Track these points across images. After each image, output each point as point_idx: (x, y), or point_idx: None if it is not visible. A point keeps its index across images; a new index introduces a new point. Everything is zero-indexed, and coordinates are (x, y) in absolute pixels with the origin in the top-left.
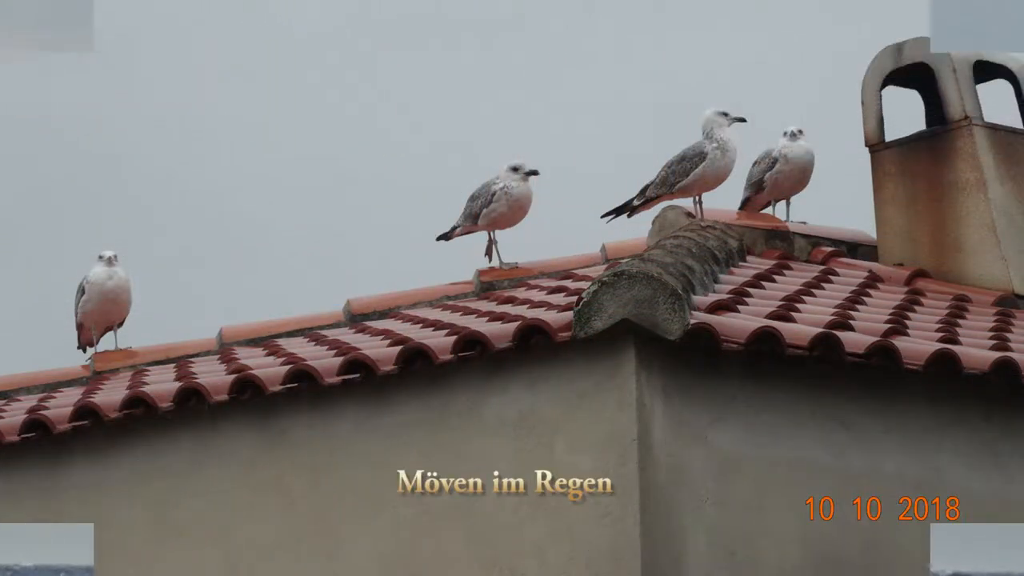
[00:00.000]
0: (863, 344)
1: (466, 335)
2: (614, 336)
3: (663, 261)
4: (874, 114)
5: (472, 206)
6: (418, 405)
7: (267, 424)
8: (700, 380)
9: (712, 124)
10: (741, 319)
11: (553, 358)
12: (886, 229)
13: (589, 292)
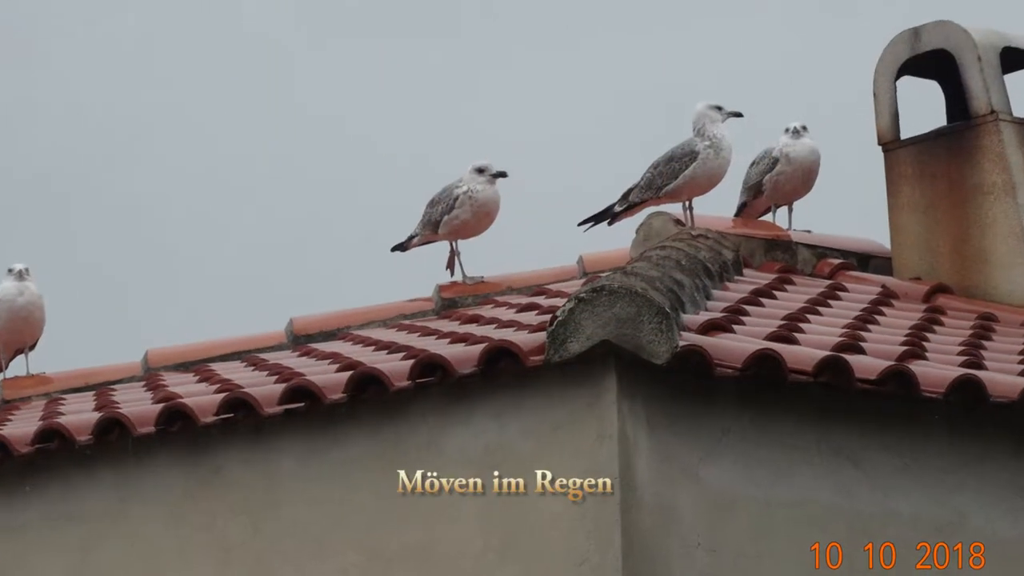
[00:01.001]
0: (875, 369)
1: (425, 359)
2: (593, 360)
3: (648, 275)
4: (888, 108)
5: (432, 212)
6: (370, 438)
7: (199, 460)
8: (690, 410)
9: (704, 119)
10: (737, 341)
11: (523, 385)
12: (901, 238)
13: (564, 310)
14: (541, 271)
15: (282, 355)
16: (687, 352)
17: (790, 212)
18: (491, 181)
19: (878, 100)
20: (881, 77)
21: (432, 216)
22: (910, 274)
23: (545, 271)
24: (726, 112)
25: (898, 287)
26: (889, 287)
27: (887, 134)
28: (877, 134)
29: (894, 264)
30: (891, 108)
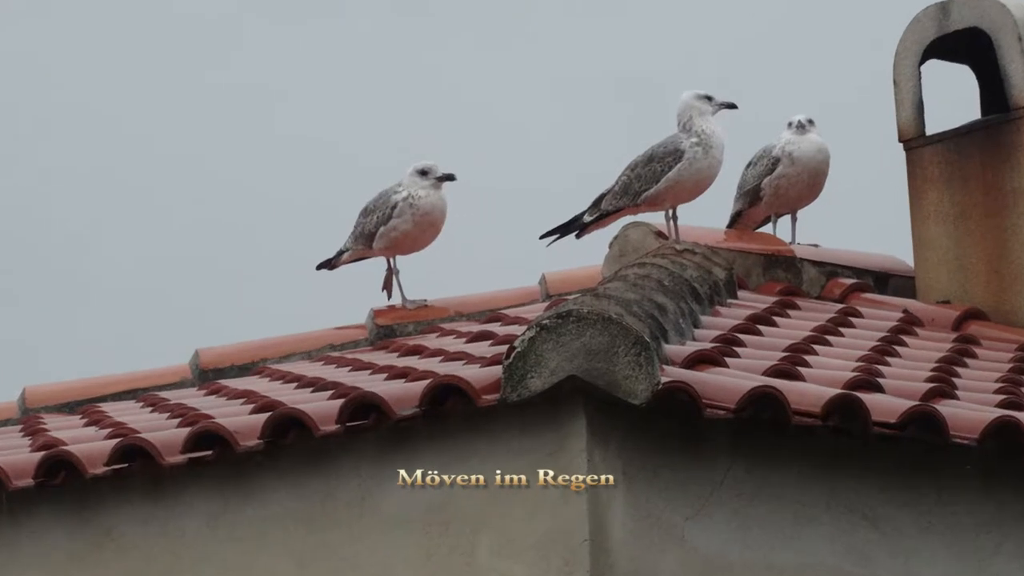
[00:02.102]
0: (896, 411)
1: (357, 398)
2: (558, 400)
3: (624, 298)
4: (910, 98)
5: (365, 223)
6: (292, 493)
7: (87, 519)
8: (675, 459)
9: (691, 111)
10: (730, 377)
11: (474, 430)
12: (927, 254)
13: (524, 340)
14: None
15: (186, 393)
16: (671, 390)
17: (794, 222)
18: (436, 185)
19: (899, 88)
20: (903, 61)
21: (366, 227)
22: (937, 297)
23: (500, 293)
24: (717, 103)
25: (923, 312)
26: (912, 312)
27: (910, 129)
28: (898, 129)
29: (918, 285)
30: (915, 98)
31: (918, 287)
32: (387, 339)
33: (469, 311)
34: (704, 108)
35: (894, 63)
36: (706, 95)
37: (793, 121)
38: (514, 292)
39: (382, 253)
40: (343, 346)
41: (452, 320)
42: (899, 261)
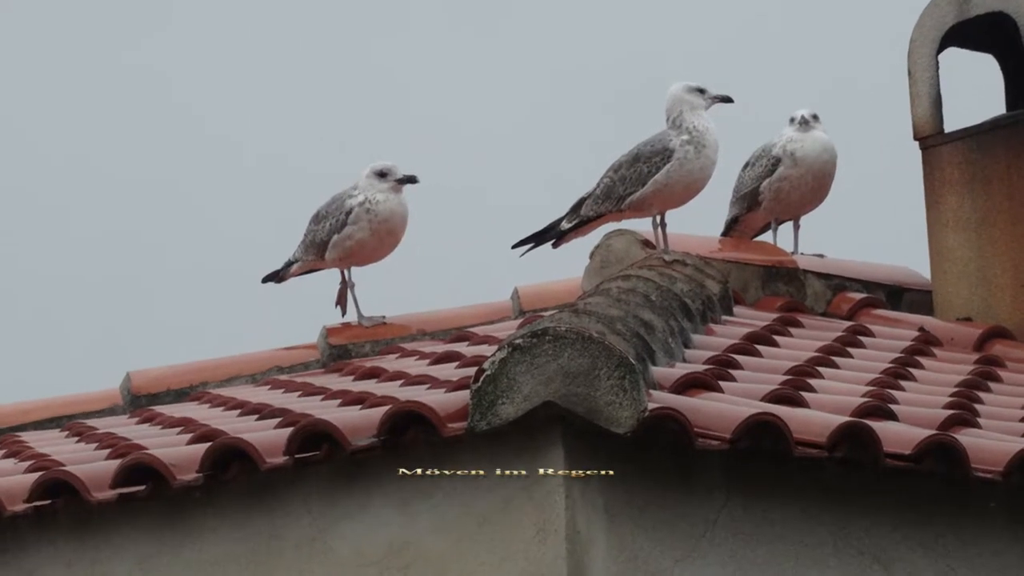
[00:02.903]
0: (911, 441)
1: (307, 427)
2: (532, 429)
3: (607, 314)
4: (927, 90)
5: (317, 231)
6: (234, 533)
7: (6, 562)
8: (664, 495)
9: (682, 106)
10: (725, 403)
11: (439, 462)
12: (945, 265)
13: (494, 362)
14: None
15: (117, 421)
16: (659, 418)
17: (796, 230)
18: (396, 188)
19: (914, 80)
20: (918, 49)
21: (318, 236)
22: (957, 313)
23: (468, 309)
24: (710, 96)
25: (941, 330)
26: (929, 331)
27: (926, 125)
28: (913, 125)
29: (935, 300)
30: (932, 91)
31: (936, 303)
32: (341, 361)
33: (433, 329)
34: (696, 102)
35: (909, 52)
36: (698, 87)
37: (796, 116)
38: (483, 308)
39: (336, 264)
40: (292, 368)
41: (414, 339)
42: (914, 273)
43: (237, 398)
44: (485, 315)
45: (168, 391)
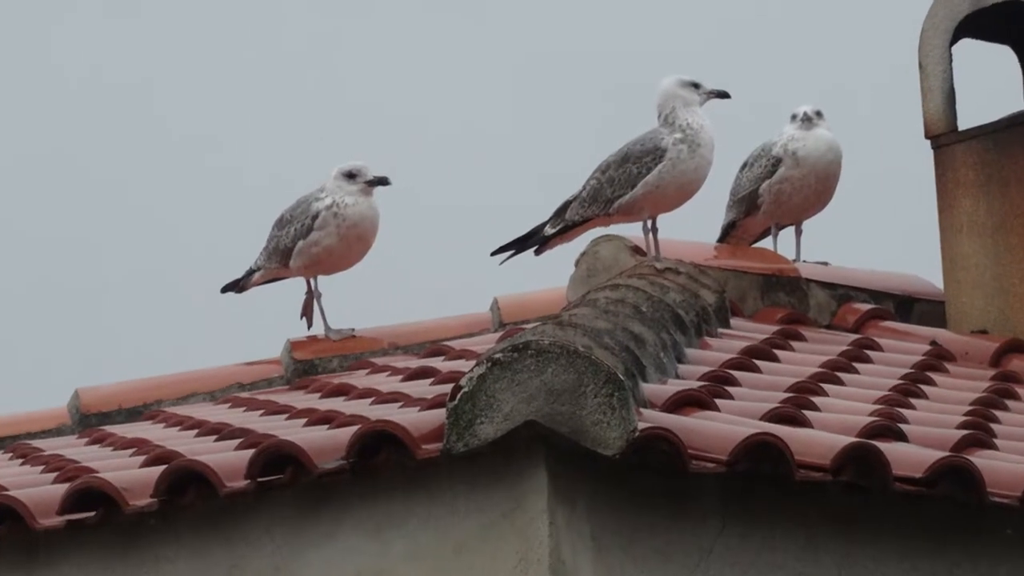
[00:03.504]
0: (922, 463)
1: (271, 449)
2: (514, 450)
3: (593, 327)
4: (940, 85)
5: (281, 237)
6: (192, 563)
7: None
8: (655, 522)
9: (674, 101)
10: (722, 422)
11: (413, 487)
12: (959, 274)
13: (472, 378)
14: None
15: (64, 442)
16: (650, 438)
17: (798, 235)
18: (366, 191)
19: (926, 74)
20: (930, 41)
21: (281, 242)
22: (972, 325)
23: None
24: (706, 91)
25: (955, 344)
26: (942, 344)
27: (939, 122)
28: (924, 123)
29: (948, 311)
30: (945, 85)
31: (949, 314)
32: (307, 377)
33: (406, 343)
34: (690, 97)
35: (920, 43)
36: (692, 81)
37: (798, 113)
38: (460, 320)
39: (301, 273)
40: (254, 385)
41: (385, 354)
42: (926, 283)
43: (194, 417)
44: (462, 327)
45: (120, 409)
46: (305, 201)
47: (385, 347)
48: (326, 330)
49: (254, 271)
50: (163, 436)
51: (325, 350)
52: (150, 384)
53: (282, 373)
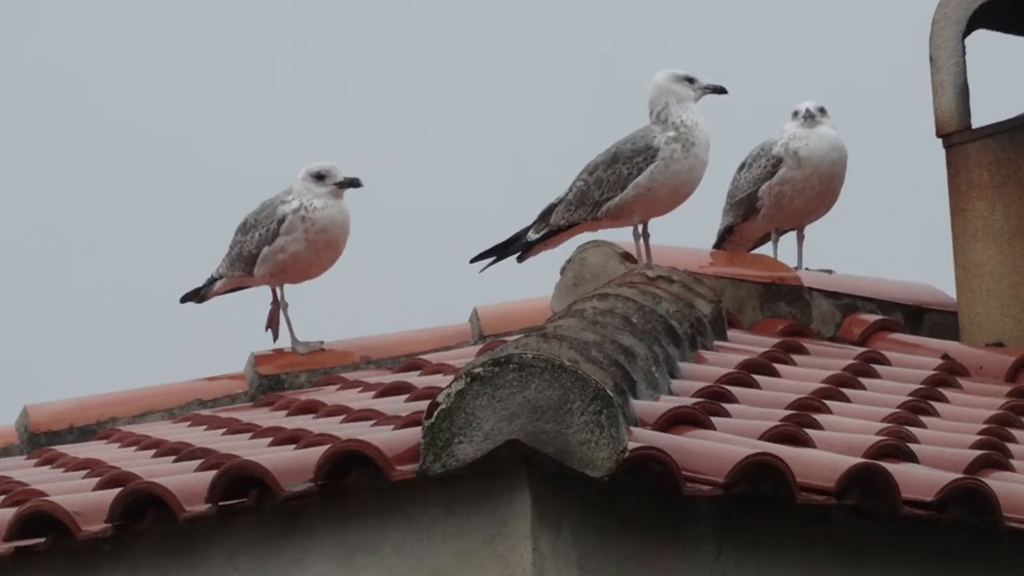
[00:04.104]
0: (933, 486)
1: (233, 470)
2: (495, 472)
3: (580, 339)
4: (952, 80)
5: (244, 242)
6: None
7: None
8: (646, 549)
9: (668, 97)
10: (718, 442)
11: (387, 511)
12: (974, 283)
13: (450, 394)
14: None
15: (12, 463)
16: (641, 459)
17: (800, 241)
18: (336, 193)
19: (937, 67)
20: (942, 31)
21: (245, 248)
22: (987, 338)
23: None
24: (701, 86)
25: (968, 358)
26: (954, 358)
27: (951, 120)
28: (936, 120)
29: (961, 322)
30: (957, 79)
31: (962, 325)
32: (272, 393)
33: (379, 356)
34: (684, 93)
35: (930, 34)
36: (687, 76)
37: (800, 110)
38: (437, 332)
39: (266, 281)
40: (215, 402)
41: (357, 368)
42: (937, 292)
43: (152, 436)
44: (439, 340)
45: (71, 428)
46: (270, 204)
47: (356, 361)
48: (293, 343)
49: (216, 279)
50: (118, 457)
51: (292, 364)
52: (104, 401)
53: (246, 389)
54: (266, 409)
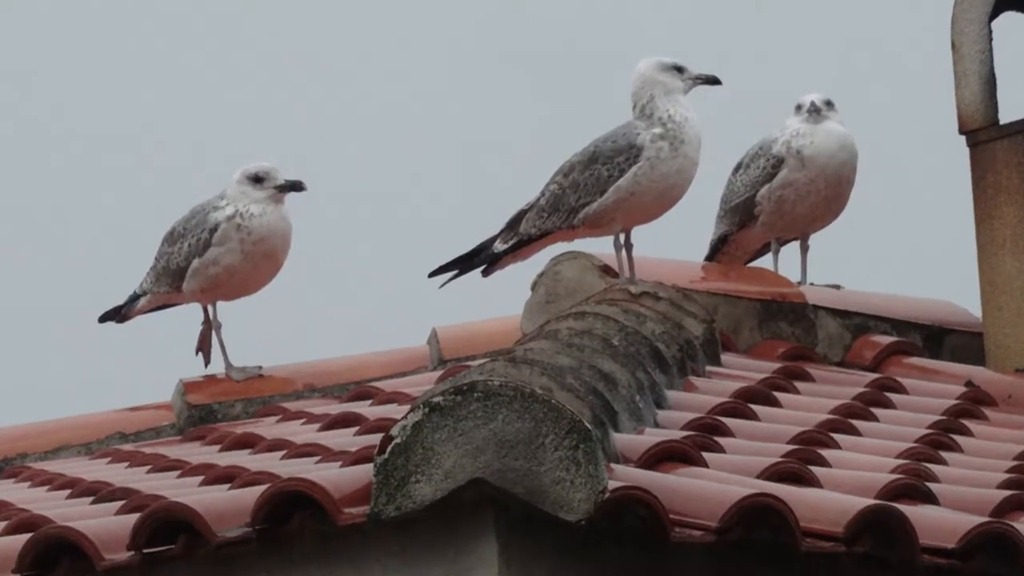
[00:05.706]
0: (955, 531)
1: (159, 513)
2: (457, 514)
3: (554, 364)
4: (977, 69)
5: (172, 254)
6: None
7: None
8: None
9: (653, 89)
10: (711, 480)
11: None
12: (1001, 299)
13: (406, 427)
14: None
15: None
16: (623, 500)
17: (804, 252)
18: (276, 198)
19: (960, 55)
20: (965, 15)
21: (172, 260)
22: (1016, 363)
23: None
24: (691, 76)
25: (995, 385)
26: (979, 385)
27: (976, 114)
28: (958, 115)
29: (987, 345)
30: (983, 69)
31: (988, 348)
32: (203, 425)
33: (325, 384)
34: (672, 84)
35: (952, 18)
36: (675, 65)
37: (804, 103)
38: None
39: (197, 298)
40: (139, 435)
41: (300, 397)
42: (960, 310)
43: (66, 475)
44: (393, 365)
45: None
46: (201, 211)
47: (299, 389)
48: (227, 368)
49: (139, 296)
50: (28, 498)
51: (226, 393)
52: (12, 434)
53: (173, 421)
54: (196, 443)
